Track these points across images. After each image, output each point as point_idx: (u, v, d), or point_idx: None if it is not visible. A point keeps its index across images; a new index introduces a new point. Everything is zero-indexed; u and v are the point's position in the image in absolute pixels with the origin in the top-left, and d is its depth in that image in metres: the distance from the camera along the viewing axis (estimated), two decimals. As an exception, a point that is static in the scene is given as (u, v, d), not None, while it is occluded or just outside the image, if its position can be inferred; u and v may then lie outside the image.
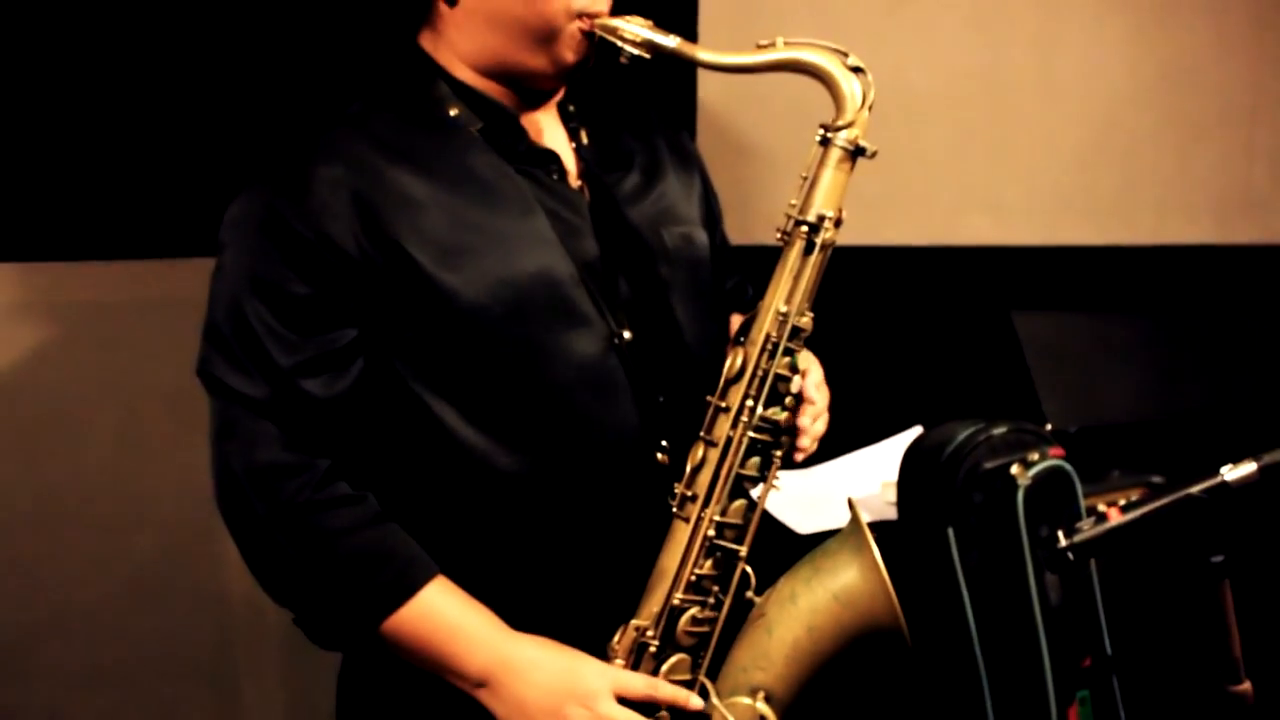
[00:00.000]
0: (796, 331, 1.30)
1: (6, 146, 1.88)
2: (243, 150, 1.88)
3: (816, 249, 1.29)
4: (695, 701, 1.28)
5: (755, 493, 1.32)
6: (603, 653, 1.30)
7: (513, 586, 1.31)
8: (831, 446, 2.14)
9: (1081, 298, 2.49)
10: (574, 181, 1.39)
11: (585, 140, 1.42)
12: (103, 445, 1.98)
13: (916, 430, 2.10)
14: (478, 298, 1.27)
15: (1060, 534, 1.37)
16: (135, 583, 2.03)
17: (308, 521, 1.25)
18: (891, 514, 1.85)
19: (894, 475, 1.78)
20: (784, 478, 1.36)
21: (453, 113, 1.34)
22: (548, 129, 1.40)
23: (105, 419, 1.97)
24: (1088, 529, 1.37)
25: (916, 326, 2.49)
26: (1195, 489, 1.32)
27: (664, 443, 1.34)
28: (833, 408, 1.48)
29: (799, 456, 1.42)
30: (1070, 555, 1.35)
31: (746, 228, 1.84)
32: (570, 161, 1.40)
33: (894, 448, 2.12)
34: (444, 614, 1.26)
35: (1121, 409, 2.32)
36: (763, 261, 1.34)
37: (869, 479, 2.08)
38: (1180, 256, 2.57)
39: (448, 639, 1.26)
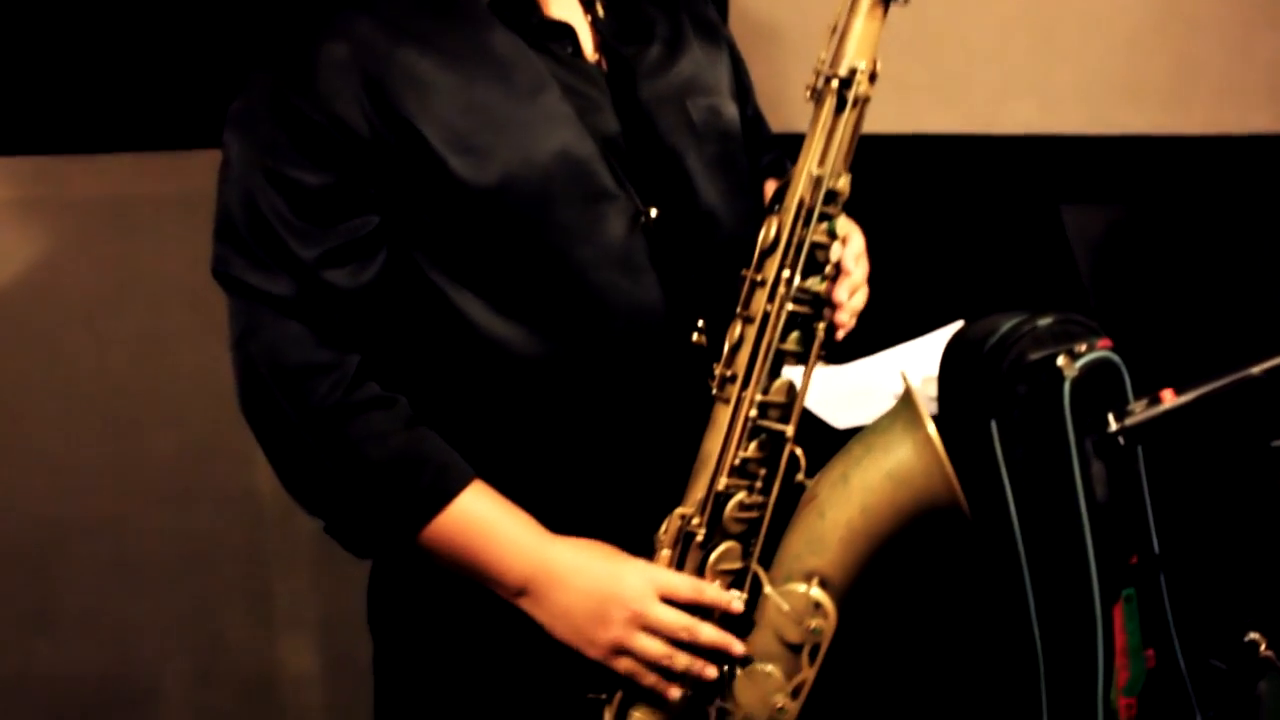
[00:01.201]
0: (832, 195, 1.24)
1: (13, 36, 1.83)
2: (256, 37, 1.81)
3: (849, 105, 1.22)
4: (737, 605, 1.23)
5: (797, 371, 1.26)
6: (648, 546, 1.25)
7: (550, 484, 1.27)
8: (871, 342, 2.10)
9: (1133, 190, 2.39)
10: (591, 56, 1.32)
11: (601, 13, 1.35)
12: (123, 344, 1.95)
13: (958, 325, 2.03)
14: (494, 181, 1.21)
15: (1110, 418, 1.30)
16: (161, 483, 2.02)
17: (340, 426, 1.21)
18: (933, 409, 1.80)
19: (935, 370, 1.72)
20: (821, 372, 1.31)
21: None
22: (561, 1, 1.32)
23: (125, 317, 1.93)
24: (1140, 411, 1.30)
25: (959, 220, 2.39)
26: (1256, 369, 1.25)
27: (700, 323, 1.28)
28: (872, 303, 1.41)
29: (839, 334, 1.36)
30: (1121, 440, 1.29)
31: (782, 115, 1.77)
32: (586, 35, 1.33)
33: (935, 343, 2.06)
34: (482, 520, 1.22)
35: (1174, 306, 2.25)
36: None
37: (911, 374, 2.01)
38: (1238, 147, 2.46)
39: (486, 546, 1.22)
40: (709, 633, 1.22)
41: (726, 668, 1.24)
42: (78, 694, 2.10)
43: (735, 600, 1.23)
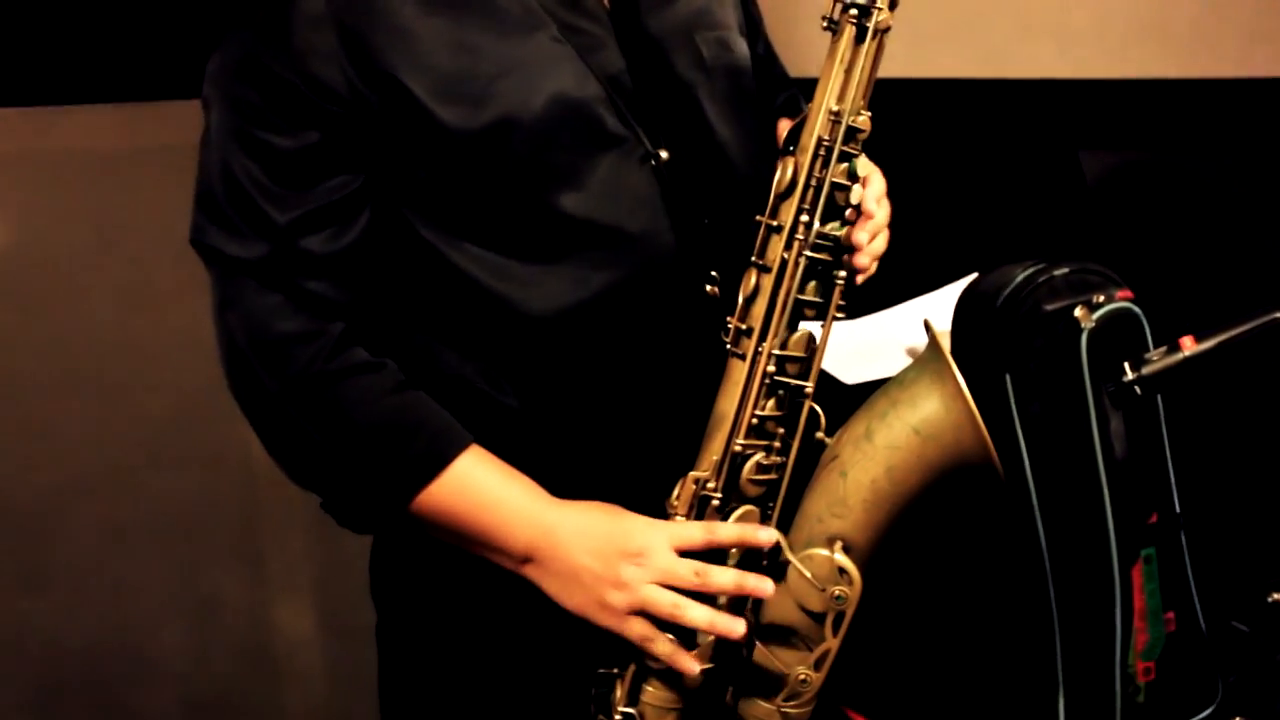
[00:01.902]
0: (852, 133, 1.17)
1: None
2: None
3: (869, 35, 1.15)
4: (765, 535, 1.15)
5: (817, 324, 1.20)
6: (660, 512, 1.19)
7: (556, 448, 1.22)
8: (883, 295, 2.03)
9: (1155, 135, 2.31)
10: None
11: None
12: (106, 302, 1.90)
13: (973, 278, 1.98)
14: (488, 130, 1.15)
15: (1126, 366, 1.24)
16: (151, 446, 1.99)
17: (323, 393, 1.16)
18: (948, 363, 1.75)
19: (949, 323, 1.66)
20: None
21: None
22: None
23: (107, 274, 1.89)
24: (1158, 359, 1.23)
25: (974, 168, 2.33)
26: (1281, 313, 1.18)
27: (713, 273, 1.23)
28: (885, 256, 1.36)
29: (859, 279, 1.30)
30: (1137, 390, 1.22)
31: (797, 60, 1.70)
32: None
33: (949, 296, 1.99)
34: (480, 486, 1.17)
35: (1198, 256, 2.18)
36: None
37: (923, 328, 1.96)
38: (1268, 90, 2.38)
39: (486, 514, 1.17)
40: (723, 576, 1.13)
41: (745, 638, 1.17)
42: (73, 658, 2.08)
43: (760, 530, 1.16)
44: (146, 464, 1.99)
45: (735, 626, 1.14)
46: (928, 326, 1.20)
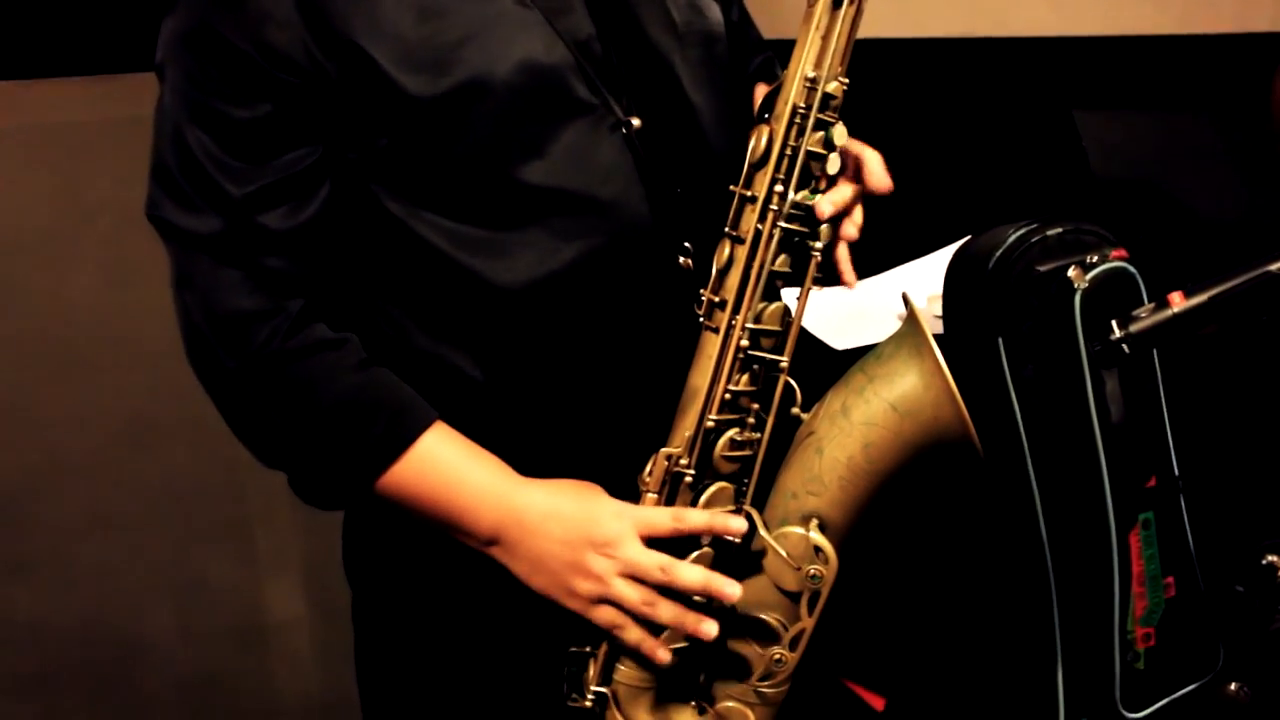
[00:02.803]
0: (828, 100, 1.14)
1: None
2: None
3: (846, 0, 1.12)
4: (735, 524, 1.14)
5: (793, 295, 1.17)
6: (632, 490, 1.17)
7: (526, 424, 1.20)
8: (874, 261, 2.00)
9: (1152, 94, 2.27)
10: None
11: None
12: (83, 279, 1.87)
13: (966, 240, 1.95)
14: (454, 97, 1.11)
15: (1114, 324, 1.20)
16: (133, 426, 1.95)
17: (282, 372, 1.13)
18: (938, 329, 1.72)
19: (940, 288, 1.63)
20: (821, 293, 1.21)
21: None
22: None
23: (82, 250, 1.85)
24: (1146, 316, 1.20)
25: (966, 129, 2.29)
26: (1275, 266, 1.14)
27: (686, 245, 1.20)
28: (874, 220, 1.32)
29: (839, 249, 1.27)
30: (1125, 349, 1.19)
31: (772, 23, 1.66)
32: None
33: (941, 260, 1.96)
34: (445, 465, 1.15)
35: (1194, 217, 2.14)
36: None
37: (914, 294, 1.93)
38: (1265, 46, 2.34)
39: (450, 493, 1.15)
40: (689, 574, 1.12)
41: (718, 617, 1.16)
42: (62, 641, 2.06)
43: (731, 519, 1.14)
44: (129, 444, 1.97)
45: (707, 629, 1.12)
46: (905, 300, 1.17)
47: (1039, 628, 1.47)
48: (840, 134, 1.17)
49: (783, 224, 1.14)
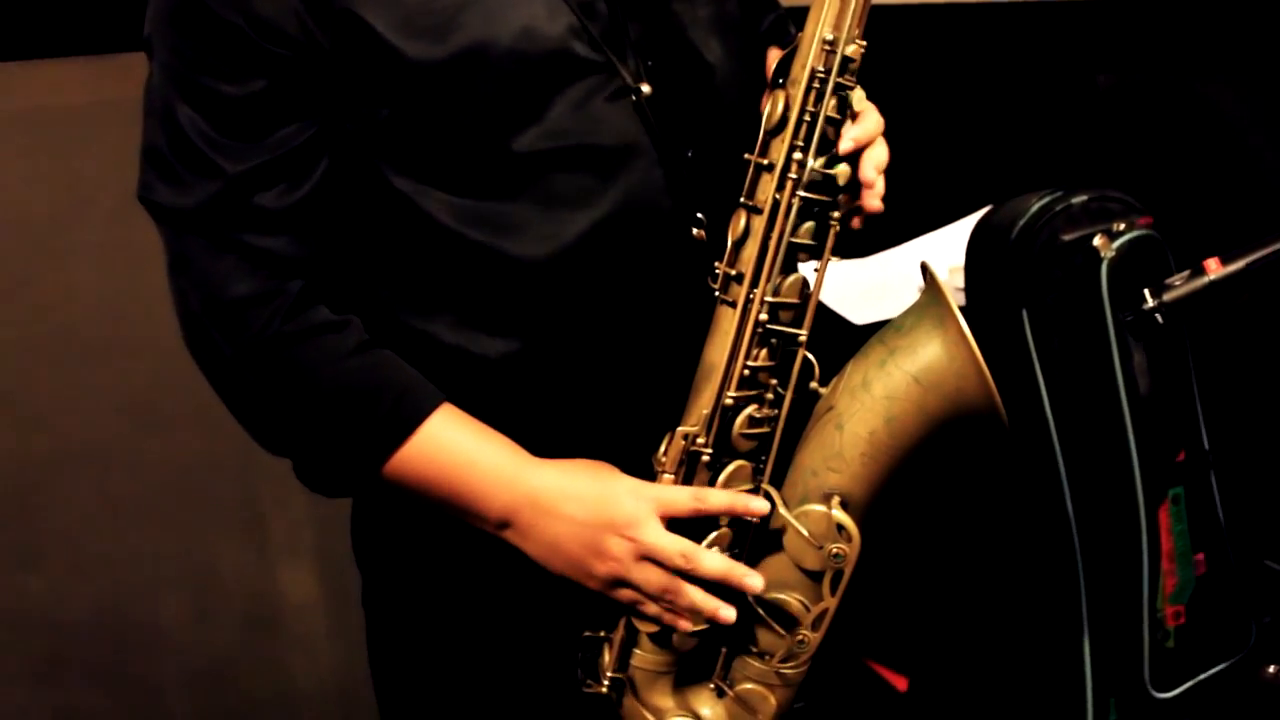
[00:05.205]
0: (847, 63, 1.10)
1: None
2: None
3: None
4: (757, 505, 1.11)
5: (811, 266, 1.14)
6: (648, 470, 1.14)
7: (537, 404, 1.16)
8: (893, 232, 1.96)
9: (1176, 56, 2.22)
10: None
11: None
12: (84, 264, 1.84)
13: (988, 210, 1.91)
14: (456, 62, 1.08)
15: (1147, 293, 1.16)
16: (142, 412, 1.93)
17: (282, 356, 1.10)
18: (961, 301, 1.69)
19: (962, 259, 1.59)
20: (840, 266, 1.17)
21: None
22: None
23: (83, 234, 1.83)
24: (1181, 284, 1.16)
25: (986, 95, 2.23)
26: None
27: (700, 215, 1.16)
28: (894, 189, 1.28)
29: (855, 222, 1.24)
30: (1159, 319, 1.15)
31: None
32: None
33: (962, 230, 1.93)
34: (454, 447, 1.12)
35: (1222, 180, 2.10)
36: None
37: (935, 265, 1.90)
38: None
39: (461, 476, 1.12)
40: (711, 562, 1.10)
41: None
42: (73, 631, 2.05)
43: (752, 500, 1.11)
44: (137, 430, 1.95)
45: (726, 614, 1.10)
46: (925, 269, 1.14)
47: (1065, 606, 1.46)
48: (859, 98, 1.13)
49: (802, 193, 1.10)
